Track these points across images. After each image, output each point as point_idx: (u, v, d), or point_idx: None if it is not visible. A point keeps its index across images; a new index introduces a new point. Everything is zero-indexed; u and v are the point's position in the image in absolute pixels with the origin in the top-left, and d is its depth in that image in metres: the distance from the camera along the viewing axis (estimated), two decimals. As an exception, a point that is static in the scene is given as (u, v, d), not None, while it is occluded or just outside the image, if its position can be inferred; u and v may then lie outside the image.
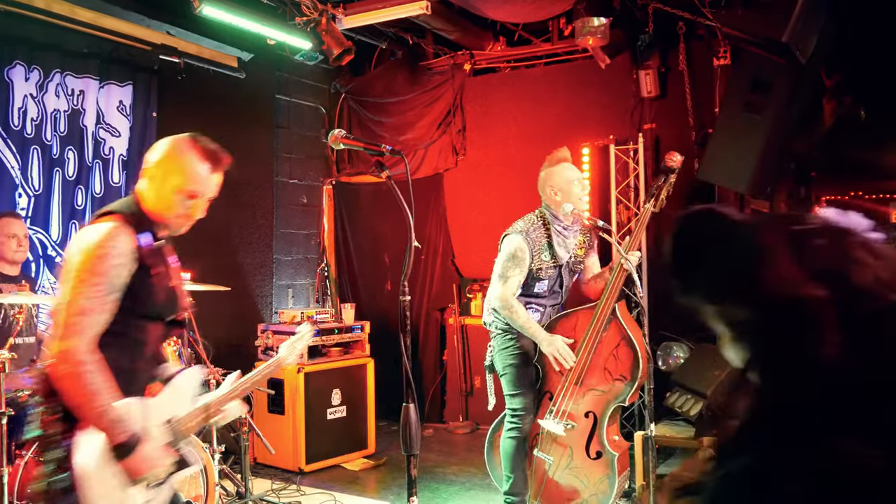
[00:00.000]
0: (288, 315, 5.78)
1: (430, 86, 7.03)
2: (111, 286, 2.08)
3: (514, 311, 3.81)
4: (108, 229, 2.12)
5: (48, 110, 5.05)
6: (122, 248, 2.11)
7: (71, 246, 2.16)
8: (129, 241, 2.14)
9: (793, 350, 0.99)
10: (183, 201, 2.30)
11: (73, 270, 2.07)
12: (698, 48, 5.75)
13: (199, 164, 2.33)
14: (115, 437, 2.04)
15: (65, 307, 2.04)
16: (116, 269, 2.09)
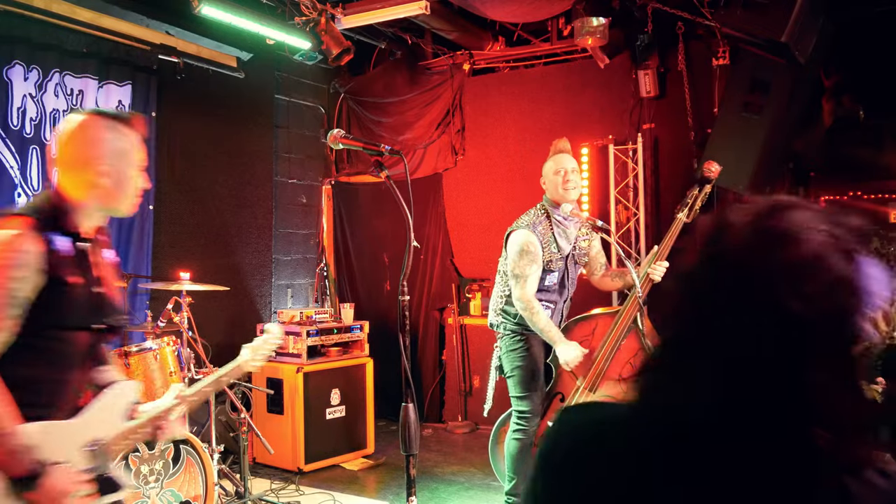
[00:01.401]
0: (287, 315, 5.78)
1: (429, 86, 7.03)
2: (8, 301, 1.84)
3: (536, 313, 3.75)
4: (8, 236, 1.87)
5: (47, 110, 5.05)
6: (24, 258, 1.86)
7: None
8: (34, 248, 1.88)
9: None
10: (139, 177, 2.12)
11: None
12: (697, 48, 5.76)
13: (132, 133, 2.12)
14: (14, 469, 1.80)
15: None
16: (15, 282, 1.85)
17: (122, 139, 2.07)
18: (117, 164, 2.04)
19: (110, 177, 2.03)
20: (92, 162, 2.01)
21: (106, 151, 2.03)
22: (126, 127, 2.09)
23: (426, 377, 6.88)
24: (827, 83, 5.68)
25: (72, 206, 2.01)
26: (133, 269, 5.41)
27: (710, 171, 3.74)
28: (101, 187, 2.02)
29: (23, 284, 1.86)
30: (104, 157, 2.02)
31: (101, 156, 2.02)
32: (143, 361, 4.01)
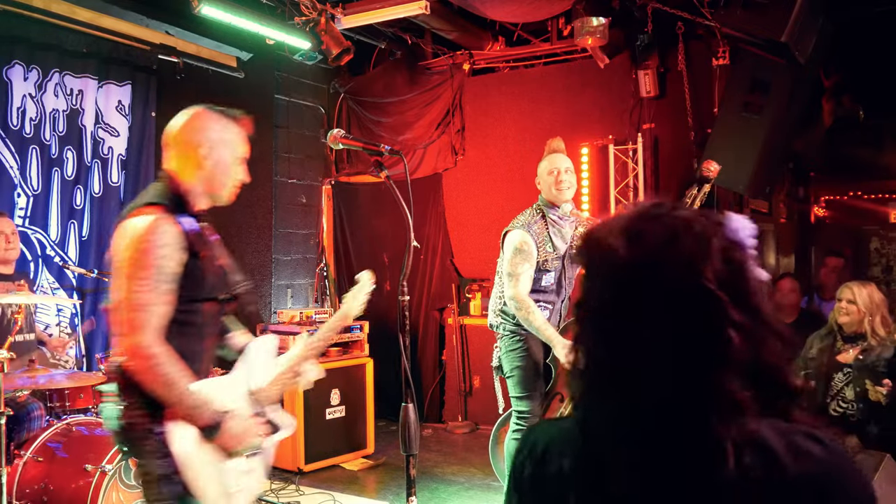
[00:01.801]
0: (287, 315, 5.78)
1: (428, 86, 7.03)
2: (162, 277, 2.07)
3: (530, 311, 3.74)
4: (150, 221, 2.09)
5: (47, 110, 5.05)
6: (172, 238, 2.10)
7: (115, 242, 2.14)
8: (174, 230, 2.12)
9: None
10: (239, 169, 2.33)
11: (123, 267, 2.08)
12: (697, 48, 5.75)
13: (237, 128, 2.38)
14: (199, 421, 2.09)
15: (123, 304, 2.05)
16: (164, 259, 2.08)
17: (227, 131, 2.35)
18: (219, 151, 2.28)
19: (211, 160, 2.26)
20: (196, 146, 2.26)
21: (210, 138, 2.29)
22: (232, 122, 2.38)
23: (426, 377, 6.88)
24: (827, 83, 5.69)
25: (185, 190, 2.24)
26: (133, 269, 5.40)
27: (709, 171, 3.73)
28: (205, 169, 2.25)
29: (170, 262, 2.08)
30: (207, 142, 2.27)
31: (204, 141, 2.28)
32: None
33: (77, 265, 5.12)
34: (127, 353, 2.04)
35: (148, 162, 5.63)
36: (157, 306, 2.06)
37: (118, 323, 2.06)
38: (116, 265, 2.10)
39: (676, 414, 0.91)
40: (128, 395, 2.09)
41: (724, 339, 0.90)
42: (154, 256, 2.05)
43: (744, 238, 0.98)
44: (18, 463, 3.55)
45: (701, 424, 0.90)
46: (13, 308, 3.77)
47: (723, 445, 0.89)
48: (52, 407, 3.87)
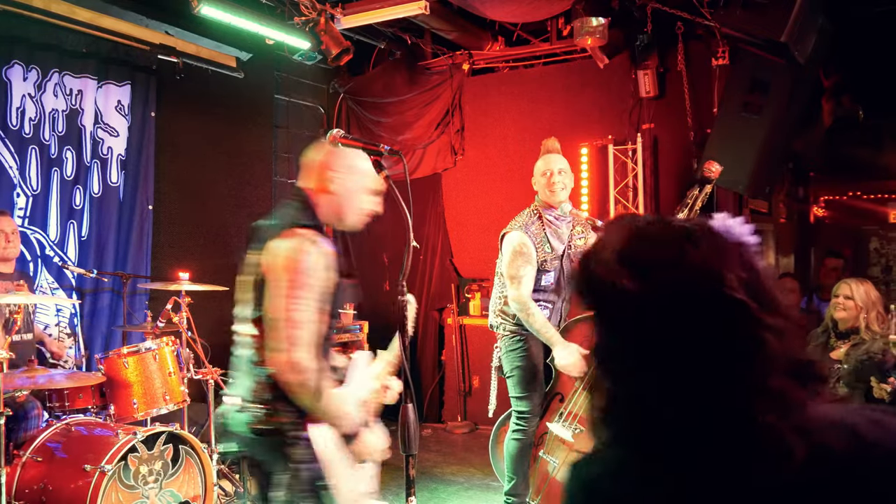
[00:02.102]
0: (286, 315, 5.77)
1: (428, 86, 7.03)
2: (322, 296, 2.21)
3: (532, 313, 3.74)
4: (308, 243, 2.22)
5: (46, 110, 5.05)
6: (325, 259, 2.23)
7: (271, 260, 2.25)
8: (328, 252, 2.26)
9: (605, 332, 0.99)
10: (368, 199, 2.46)
11: (282, 286, 2.18)
12: (697, 48, 5.75)
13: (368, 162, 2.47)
14: (343, 429, 2.26)
15: (282, 321, 2.16)
16: (322, 280, 2.21)
17: (362, 161, 2.44)
18: (346, 179, 2.40)
19: (338, 186, 2.39)
20: (326, 169, 2.38)
21: (341, 165, 2.40)
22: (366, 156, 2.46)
23: (425, 377, 6.87)
24: (826, 83, 5.69)
25: (319, 211, 2.38)
26: (132, 270, 5.41)
27: (711, 171, 3.72)
28: (332, 194, 2.39)
29: (327, 282, 2.23)
30: (339, 169, 2.38)
31: (336, 167, 2.38)
32: (141, 362, 4.01)
33: (76, 265, 5.12)
34: (284, 367, 2.15)
35: (147, 162, 5.63)
36: (314, 324, 2.19)
37: (276, 338, 2.17)
38: (273, 283, 2.21)
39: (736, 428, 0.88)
40: (275, 404, 2.20)
41: (761, 344, 0.88)
42: (314, 277, 2.19)
43: (746, 237, 0.96)
44: (17, 463, 3.55)
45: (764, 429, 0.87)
46: (12, 308, 3.76)
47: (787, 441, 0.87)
48: (52, 407, 3.87)
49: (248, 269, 2.41)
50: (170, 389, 4.07)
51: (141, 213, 5.57)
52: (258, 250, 2.32)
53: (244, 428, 2.26)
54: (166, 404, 4.04)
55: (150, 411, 4.01)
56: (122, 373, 3.97)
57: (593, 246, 1.00)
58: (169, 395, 4.06)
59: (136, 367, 3.99)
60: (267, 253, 2.27)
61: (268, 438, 2.23)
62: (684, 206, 3.78)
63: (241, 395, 2.31)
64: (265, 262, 2.27)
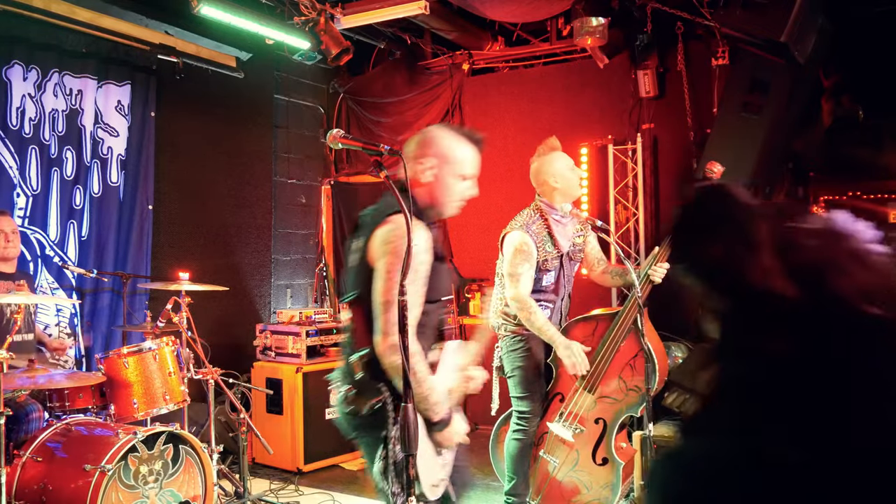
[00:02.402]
0: (286, 315, 5.78)
1: (428, 86, 7.03)
2: (416, 279, 2.25)
3: (532, 312, 3.74)
4: (404, 226, 2.19)
5: (46, 110, 5.05)
6: (422, 243, 2.28)
7: (373, 245, 2.29)
8: (426, 235, 2.31)
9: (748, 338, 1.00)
10: (462, 186, 2.47)
11: (381, 269, 2.25)
12: (697, 48, 5.76)
13: (467, 148, 2.50)
14: (435, 416, 2.31)
15: (381, 304, 2.23)
16: (418, 262, 2.25)
17: (457, 148, 2.47)
18: (441, 167, 2.42)
19: (433, 175, 2.41)
20: (420, 159, 2.41)
21: (435, 153, 2.43)
22: (467, 141, 2.52)
23: (425, 377, 6.87)
24: (826, 83, 5.68)
25: (423, 203, 2.42)
26: (132, 270, 5.41)
27: (713, 172, 3.71)
28: (426, 184, 2.42)
29: (423, 265, 2.28)
30: (432, 158, 2.42)
31: (428, 155, 2.42)
32: (142, 362, 4.01)
33: (76, 265, 5.12)
34: (383, 349, 2.23)
35: (147, 162, 5.63)
36: (412, 308, 2.22)
37: (376, 320, 2.24)
38: (375, 268, 2.27)
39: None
40: (368, 385, 2.28)
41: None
42: (411, 259, 2.18)
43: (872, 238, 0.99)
44: (18, 463, 3.55)
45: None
46: (13, 308, 3.76)
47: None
48: (52, 407, 3.87)
49: (351, 255, 2.43)
50: (170, 389, 4.07)
51: (141, 212, 5.57)
52: (362, 237, 2.36)
53: (340, 407, 2.34)
54: (166, 404, 4.04)
55: (150, 411, 4.01)
56: (123, 373, 3.97)
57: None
58: (169, 394, 4.06)
59: (137, 366, 3.99)
60: (371, 240, 2.32)
61: (361, 418, 2.29)
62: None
63: (338, 378, 2.40)
64: (369, 248, 2.32)
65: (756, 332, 0.99)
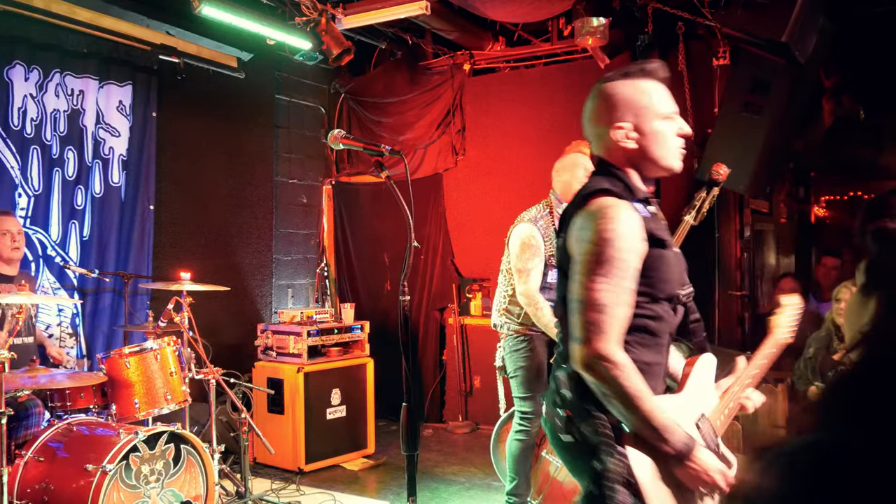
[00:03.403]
0: (287, 315, 5.78)
1: (429, 86, 7.03)
2: (624, 274, 1.79)
3: (540, 308, 3.71)
4: (608, 209, 1.82)
5: (48, 110, 5.05)
6: (628, 227, 1.81)
7: (571, 234, 1.90)
8: (634, 218, 1.83)
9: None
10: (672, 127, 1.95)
11: (581, 262, 1.82)
12: (698, 48, 5.75)
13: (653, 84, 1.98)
14: (664, 445, 1.77)
15: (579, 305, 1.80)
16: (626, 252, 1.79)
17: (640, 94, 1.95)
18: (641, 123, 1.93)
19: (636, 136, 1.94)
20: (612, 123, 1.95)
21: (624, 112, 1.94)
22: (644, 79, 1.97)
23: (427, 377, 6.88)
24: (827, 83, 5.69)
25: (624, 173, 1.95)
26: (133, 270, 5.42)
27: (719, 174, 3.71)
28: (633, 149, 1.94)
29: (632, 255, 1.80)
30: (623, 118, 1.94)
31: (619, 117, 1.94)
32: (143, 361, 4.01)
33: (78, 265, 5.13)
34: (583, 360, 1.77)
35: (149, 162, 5.63)
36: (619, 308, 1.78)
37: (573, 325, 1.81)
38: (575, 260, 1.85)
39: None
40: (578, 407, 1.84)
41: None
42: (616, 249, 1.78)
43: None
44: (19, 463, 3.56)
45: None
46: (14, 308, 3.77)
47: None
48: (53, 407, 3.87)
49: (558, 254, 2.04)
50: (171, 389, 4.07)
51: (142, 213, 5.58)
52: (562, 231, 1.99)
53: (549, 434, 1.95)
54: (168, 404, 4.05)
55: (151, 411, 4.02)
56: (124, 372, 3.97)
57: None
58: (170, 394, 4.06)
59: (138, 366, 3.99)
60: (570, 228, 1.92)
61: (571, 450, 1.88)
62: (692, 208, 3.77)
63: (549, 398, 1.97)
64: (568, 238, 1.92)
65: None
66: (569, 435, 1.86)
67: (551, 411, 1.94)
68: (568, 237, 1.91)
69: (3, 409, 3.29)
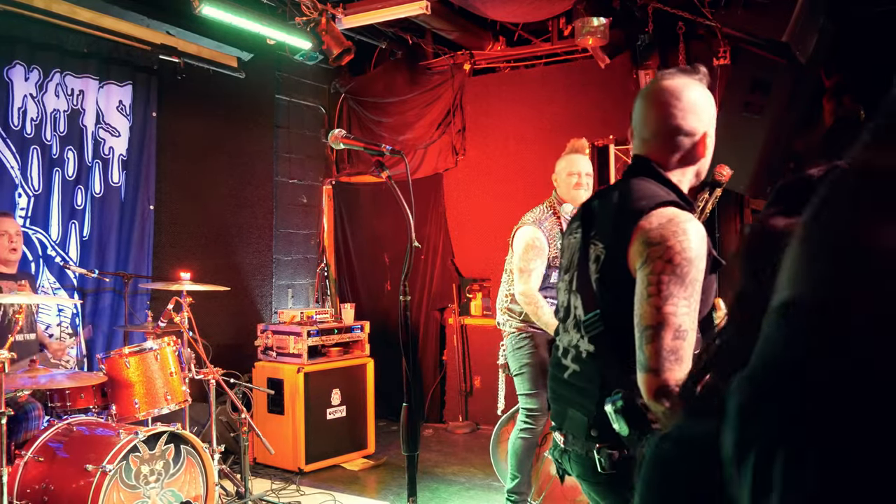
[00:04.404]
0: (287, 315, 5.78)
1: (429, 86, 7.03)
2: (697, 295, 1.64)
3: (539, 307, 3.72)
4: (686, 223, 1.65)
5: (48, 110, 5.05)
6: (702, 246, 1.66)
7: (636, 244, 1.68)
8: (703, 234, 1.68)
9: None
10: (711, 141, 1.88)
11: (651, 278, 1.62)
12: (698, 48, 5.75)
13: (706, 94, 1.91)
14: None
15: (646, 327, 1.61)
16: (702, 274, 1.64)
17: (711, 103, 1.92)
18: (710, 133, 1.87)
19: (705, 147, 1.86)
20: (690, 135, 1.84)
21: (702, 121, 1.86)
22: (690, 84, 1.92)
23: (427, 377, 6.88)
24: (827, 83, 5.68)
25: (676, 182, 1.83)
26: (133, 270, 5.41)
27: (722, 175, 3.71)
28: (698, 161, 1.86)
29: (701, 275, 1.65)
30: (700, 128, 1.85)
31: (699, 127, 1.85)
32: (143, 362, 4.01)
33: (78, 265, 5.13)
34: (652, 391, 1.58)
35: (149, 162, 5.63)
36: (693, 333, 1.61)
37: (639, 350, 1.61)
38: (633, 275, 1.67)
39: None
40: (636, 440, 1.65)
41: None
42: (697, 270, 1.62)
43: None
44: (19, 463, 3.55)
45: None
46: (14, 308, 3.77)
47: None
48: (53, 407, 3.87)
49: (591, 264, 1.82)
50: (171, 389, 4.07)
51: (142, 213, 5.58)
52: (599, 238, 1.81)
53: (580, 471, 1.83)
54: (168, 404, 4.05)
55: (151, 411, 4.02)
56: (124, 373, 3.97)
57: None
58: (170, 394, 4.06)
59: (138, 366, 3.99)
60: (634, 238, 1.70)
61: (611, 483, 1.76)
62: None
63: (570, 430, 1.84)
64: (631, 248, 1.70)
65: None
66: (613, 470, 1.75)
67: (581, 446, 1.82)
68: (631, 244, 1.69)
69: (3, 410, 3.28)
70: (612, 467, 1.75)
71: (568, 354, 1.91)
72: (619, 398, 1.65)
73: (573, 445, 1.85)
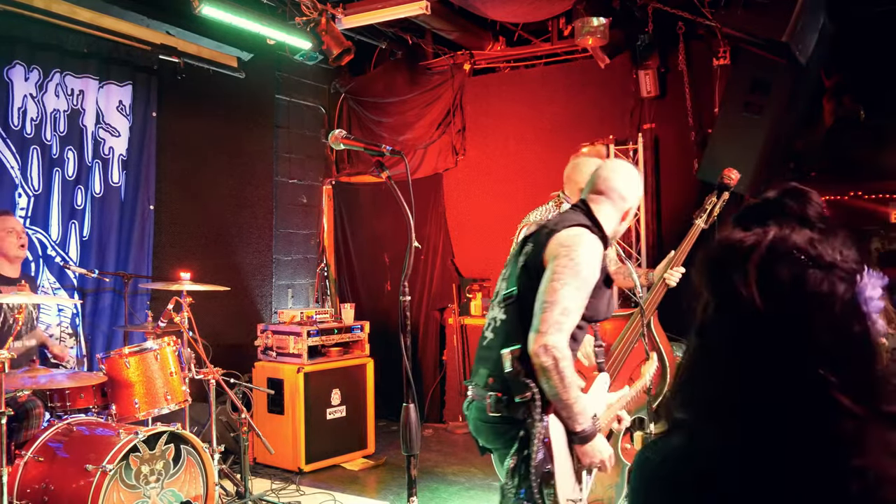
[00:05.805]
0: (287, 315, 5.78)
1: (429, 86, 7.03)
2: (585, 288, 2.28)
3: None
4: (586, 235, 2.33)
5: (48, 110, 5.05)
6: (596, 253, 2.32)
7: (551, 245, 2.32)
8: (601, 248, 2.36)
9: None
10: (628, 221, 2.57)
11: (556, 271, 2.26)
12: (698, 48, 5.75)
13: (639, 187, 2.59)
14: (578, 426, 2.26)
15: (549, 304, 2.22)
16: (591, 271, 2.29)
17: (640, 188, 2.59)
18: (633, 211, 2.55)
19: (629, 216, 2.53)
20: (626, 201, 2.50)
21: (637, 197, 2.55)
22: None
23: (427, 377, 6.88)
24: (827, 83, 5.68)
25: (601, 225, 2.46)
26: (133, 270, 5.41)
27: (730, 179, 3.71)
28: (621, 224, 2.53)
29: (593, 276, 2.30)
30: (633, 202, 2.53)
31: (634, 201, 2.53)
32: (143, 361, 4.01)
33: (78, 265, 5.13)
34: (536, 348, 2.20)
35: (149, 162, 5.63)
36: (575, 314, 2.26)
37: (536, 319, 2.23)
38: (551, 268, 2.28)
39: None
40: (523, 382, 2.24)
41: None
42: (585, 266, 2.27)
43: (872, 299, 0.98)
44: (19, 463, 3.55)
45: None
46: (15, 309, 3.77)
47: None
48: (53, 407, 3.87)
49: (520, 257, 2.44)
50: (171, 389, 4.07)
51: (142, 213, 5.58)
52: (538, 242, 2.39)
53: (476, 414, 2.36)
54: (168, 404, 4.05)
55: (151, 411, 4.02)
56: (124, 373, 3.97)
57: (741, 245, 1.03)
58: (170, 394, 4.06)
59: (138, 366, 3.99)
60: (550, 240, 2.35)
61: (497, 425, 2.31)
62: (702, 212, 3.76)
63: (479, 380, 2.39)
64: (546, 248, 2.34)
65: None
66: (497, 413, 2.30)
67: (480, 394, 2.37)
68: (547, 245, 2.34)
69: (3, 409, 3.28)
70: (497, 410, 2.29)
71: (489, 327, 2.47)
72: (518, 347, 2.26)
73: (476, 394, 2.41)
